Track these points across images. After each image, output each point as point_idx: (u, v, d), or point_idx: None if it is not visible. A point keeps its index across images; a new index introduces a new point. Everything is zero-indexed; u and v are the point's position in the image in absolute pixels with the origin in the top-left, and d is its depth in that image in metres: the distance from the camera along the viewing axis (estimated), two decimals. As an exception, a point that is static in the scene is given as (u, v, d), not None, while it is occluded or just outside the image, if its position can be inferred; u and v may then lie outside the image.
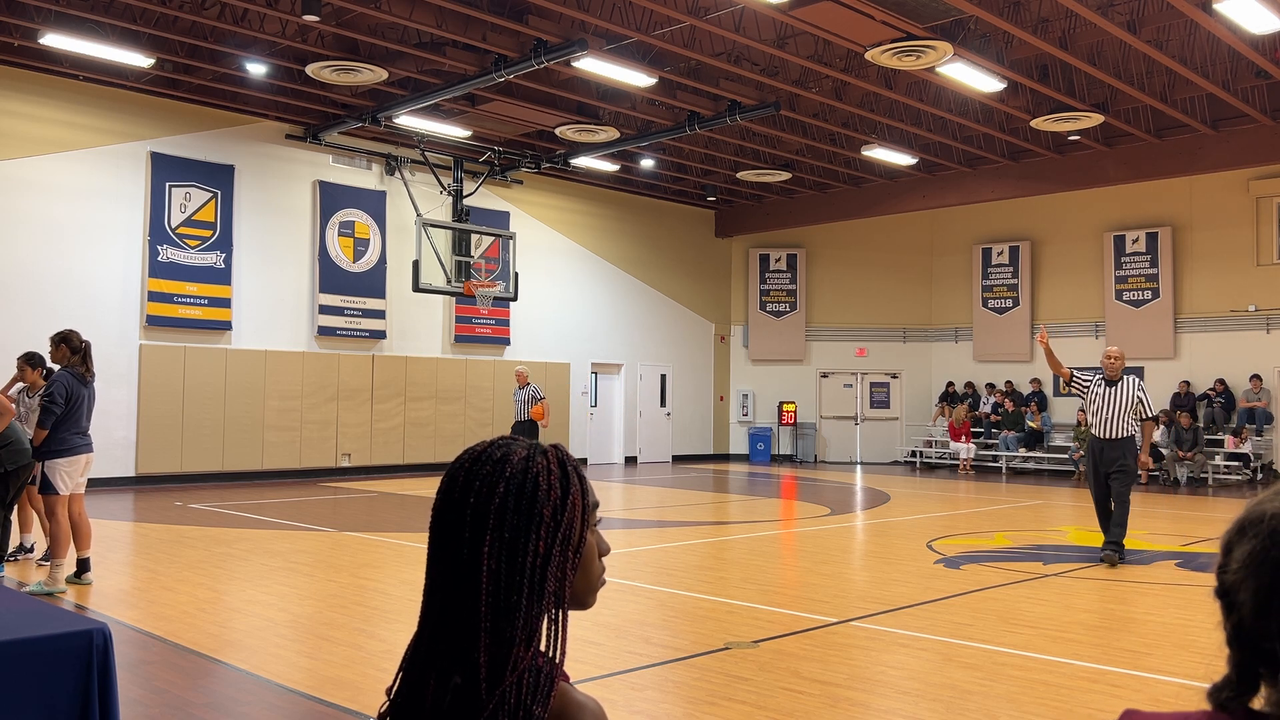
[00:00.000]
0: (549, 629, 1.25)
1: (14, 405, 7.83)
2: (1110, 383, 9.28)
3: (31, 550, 8.82)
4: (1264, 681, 0.89)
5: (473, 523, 1.24)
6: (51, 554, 7.39)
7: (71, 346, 7.54)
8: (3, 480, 7.70)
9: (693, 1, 12.26)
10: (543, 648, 1.24)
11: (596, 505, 1.32)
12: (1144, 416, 9.23)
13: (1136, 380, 9.30)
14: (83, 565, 7.63)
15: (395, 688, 1.28)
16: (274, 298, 17.04)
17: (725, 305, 24.60)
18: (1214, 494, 16.81)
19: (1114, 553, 9.05)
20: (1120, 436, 9.17)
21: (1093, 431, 9.39)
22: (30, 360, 8.33)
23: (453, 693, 1.21)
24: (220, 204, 16.40)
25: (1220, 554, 1.03)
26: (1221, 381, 19.05)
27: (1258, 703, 0.95)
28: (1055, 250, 21.64)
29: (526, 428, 15.37)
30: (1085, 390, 9.43)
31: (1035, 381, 21.47)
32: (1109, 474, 9.17)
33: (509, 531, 1.23)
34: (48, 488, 7.39)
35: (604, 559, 1.34)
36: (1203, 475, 18.37)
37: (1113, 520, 9.17)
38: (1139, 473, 9.57)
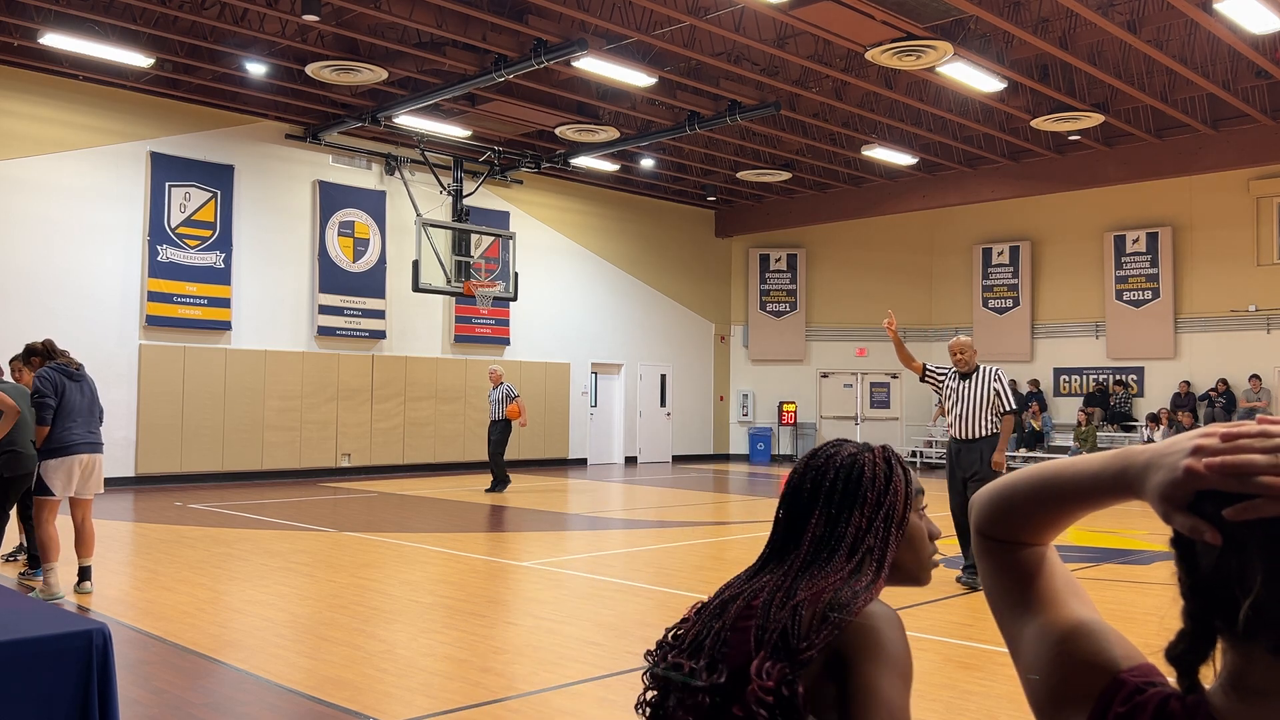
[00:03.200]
0: (873, 578, 1.48)
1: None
2: (964, 376, 8.24)
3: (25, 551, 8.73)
4: (1221, 638, 0.87)
5: (808, 501, 1.54)
6: (42, 559, 7.10)
7: (35, 351, 7.38)
8: (2, 487, 7.54)
9: (693, 1, 12.25)
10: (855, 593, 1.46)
11: (921, 492, 1.61)
12: (1003, 411, 8.15)
13: (995, 371, 8.24)
14: (83, 573, 7.33)
15: (706, 604, 1.57)
16: (274, 298, 17.04)
17: (725, 305, 24.60)
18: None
19: (975, 576, 7.91)
20: (978, 436, 8.10)
21: (949, 432, 8.38)
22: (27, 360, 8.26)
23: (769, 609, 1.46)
24: (220, 204, 16.40)
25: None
26: (1224, 381, 19.04)
27: (1209, 680, 0.93)
28: (1055, 250, 21.64)
29: (501, 427, 15.39)
30: (939, 385, 8.41)
31: (1034, 382, 21.47)
32: (966, 481, 8.12)
33: (834, 508, 1.52)
34: (41, 489, 7.11)
35: (934, 542, 1.60)
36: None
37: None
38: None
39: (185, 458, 15.90)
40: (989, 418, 8.10)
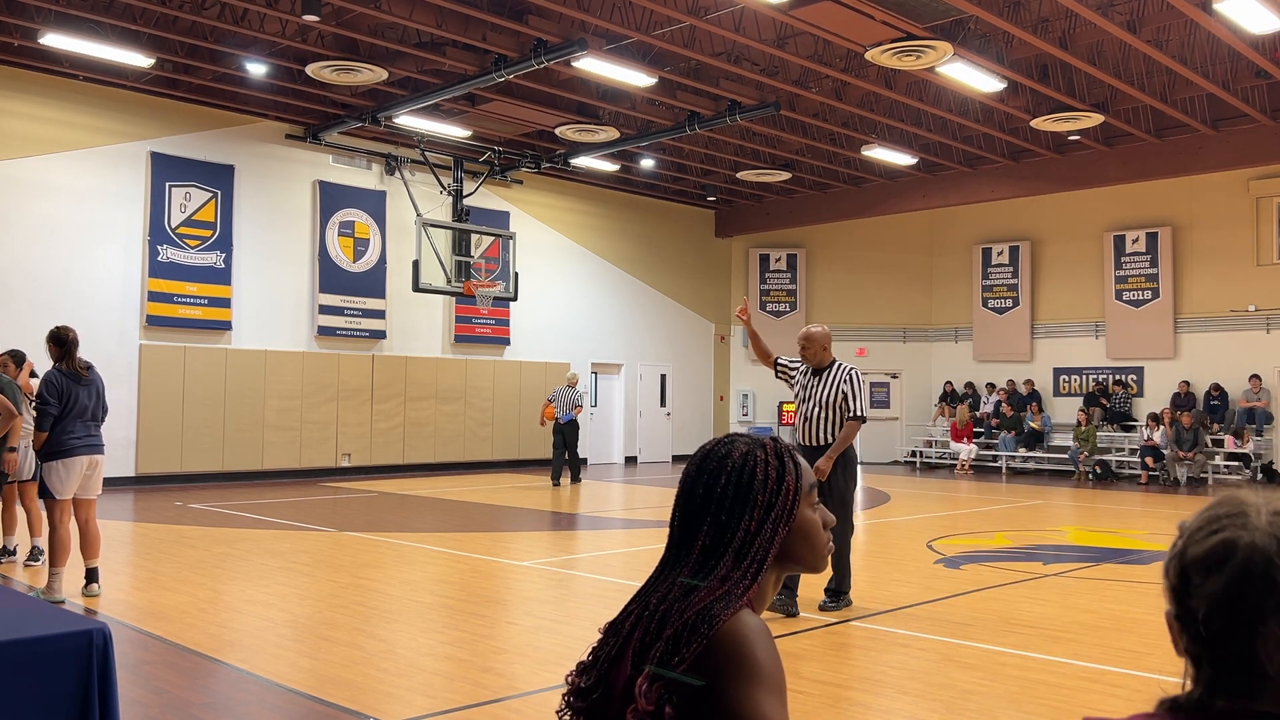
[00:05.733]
0: (746, 586, 1.48)
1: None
2: (817, 372, 7.14)
3: (14, 553, 8.72)
4: (1233, 688, 0.96)
5: (699, 507, 1.54)
6: (50, 563, 7.10)
7: (56, 342, 7.20)
8: None
9: (693, 1, 12.25)
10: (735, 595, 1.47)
11: (814, 486, 1.58)
12: (850, 415, 7.03)
13: (848, 370, 7.13)
14: (90, 575, 7.27)
15: (624, 609, 1.57)
16: (274, 298, 17.04)
17: (725, 305, 24.59)
18: (1214, 494, 16.79)
19: (833, 603, 6.98)
20: (822, 443, 7.03)
21: (796, 436, 7.36)
22: (14, 358, 8.25)
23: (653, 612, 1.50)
24: (220, 204, 16.40)
25: (1176, 578, 1.08)
26: (1218, 386, 19.06)
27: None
28: (1055, 250, 21.63)
29: (568, 427, 16.85)
30: (791, 379, 7.33)
31: (1029, 383, 21.47)
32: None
33: (725, 515, 1.51)
34: (45, 492, 7.08)
35: (829, 530, 1.60)
36: (1202, 475, 18.38)
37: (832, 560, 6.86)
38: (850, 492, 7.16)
39: (185, 458, 15.90)
40: (838, 422, 7.03)
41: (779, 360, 7.42)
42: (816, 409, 7.06)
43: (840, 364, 7.15)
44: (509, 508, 13.60)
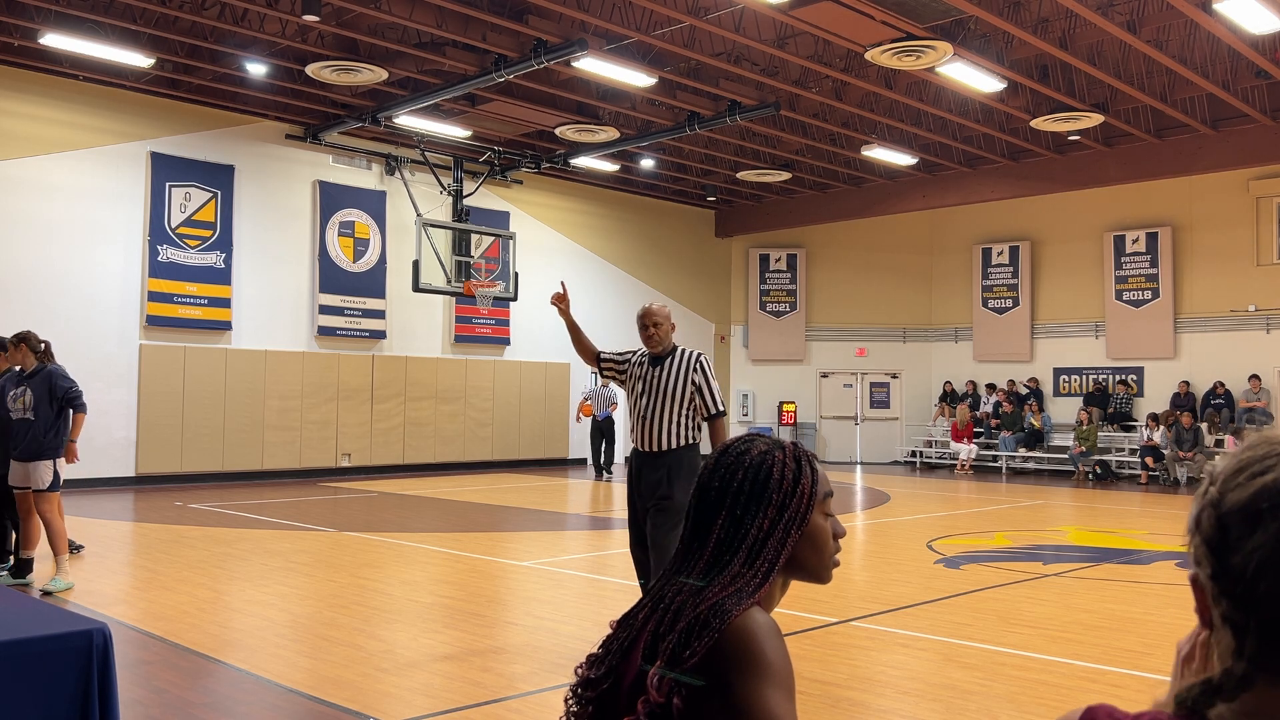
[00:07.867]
0: (758, 585, 1.49)
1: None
2: (655, 360, 5.73)
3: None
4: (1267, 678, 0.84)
5: (715, 501, 1.56)
6: (55, 552, 7.36)
7: (31, 346, 7.51)
8: None
9: (693, 1, 12.25)
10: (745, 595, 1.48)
11: (829, 495, 1.60)
12: (707, 414, 5.62)
13: (696, 356, 5.69)
14: (29, 565, 7.60)
15: (638, 604, 1.59)
16: (274, 298, 17.04)
17: (725, 305, 24.59)
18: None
19: None
20: (666, 448, 5.52)
21: (632, 441, 5.84)
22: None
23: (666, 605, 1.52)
24: (220, 204, 16.40)
25: (1212, 530, 0.91)
26: (1221, 384, 19.05)
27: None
28: (1055, 250, 21.63)
29: (605, 424, 17.95)
30: (621, 374, 5.92)
31: (1033, 380, 21.48)
32: (647, 510, 5.52)
33: (740, 510, 1.53)
34: (57, 484, 7.38)
35: (838, 540, 1.61)
36: (1202, 475, 18.35)
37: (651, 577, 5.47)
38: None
39: (185, 458, 15.89)
40: (684, 422, 5.58)
41: (602, 355, 6.05)
42: (659, 404, 5.57)
43: (684, 350, 5.72)
44: (509, 508, 13.60)
